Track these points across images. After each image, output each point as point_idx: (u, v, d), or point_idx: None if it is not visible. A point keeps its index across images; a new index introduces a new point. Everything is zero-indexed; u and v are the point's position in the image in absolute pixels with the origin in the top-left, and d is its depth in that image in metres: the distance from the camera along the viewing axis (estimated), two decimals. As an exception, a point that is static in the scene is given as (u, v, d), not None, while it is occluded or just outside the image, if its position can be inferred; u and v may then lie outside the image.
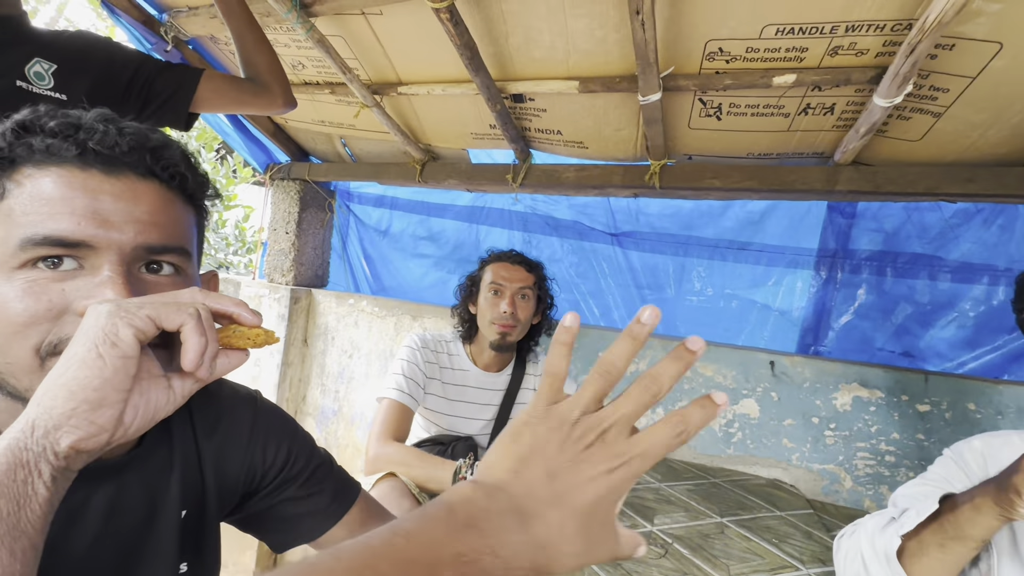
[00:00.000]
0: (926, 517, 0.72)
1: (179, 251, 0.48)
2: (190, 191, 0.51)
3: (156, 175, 0.47)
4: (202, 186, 0.53)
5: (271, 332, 0.48)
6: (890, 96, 1.09)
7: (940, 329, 1.52)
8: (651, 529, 1.02)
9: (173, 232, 0.48)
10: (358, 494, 0.76)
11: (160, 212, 0.47)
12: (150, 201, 0.47)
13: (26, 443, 0.36)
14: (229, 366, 0.46)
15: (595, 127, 1.50)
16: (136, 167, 0.46)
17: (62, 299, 0.43)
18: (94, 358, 0.37)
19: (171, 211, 0.48)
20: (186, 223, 0.50)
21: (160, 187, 0.48)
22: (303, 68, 1.66)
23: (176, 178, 0.49)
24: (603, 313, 1.98)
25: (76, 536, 0.48)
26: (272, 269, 2.19)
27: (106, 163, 0.45)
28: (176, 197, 0.49)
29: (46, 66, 1.00)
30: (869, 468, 1.39)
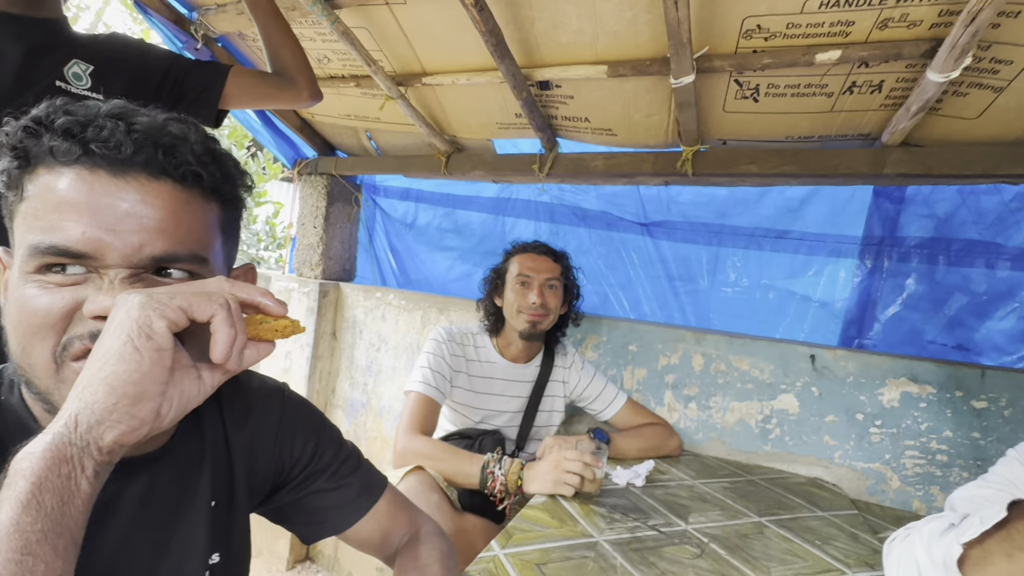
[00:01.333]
0: (992, 525, 0.66)
1: (190, 259, 0.46)
2: (210, 186, 0.48)
3: (169, 174, 0.45)
4: (228, 178, 0.50)
5: (297, 322, 0.46)
6: (946, 71, 1.01)
7: (998, 321, 1.42)
8: (686, 528, 0.99)
9: (185, 239, 0.46)
10: (385, 488, 0.76)
11: (170, 217, 0.45)
12: (160, 205, 0.44)
13: (70, 438, 0.36)
14: (257, 357, 0.46)
15: (624, 113, 1.45)
16: (147, 167, 0.44)
17: (72, 302, 0.43)
18: (131, 352, 0.37)
19: (184, 214, 0.46)
20: (203, 223, 0.48)
21: (174, 187, 0.45)
22: (328, 62, 1.66)
23: (190, 176, 0.46)
24: (633, 306, 1.94)
25: (110, 528, 0.49)
26: (301, 263, 2.22)
27: (113, 164, 0.43)
28: (193, 196, 0.47)
29: (83, 67, 1.02)
30: (919, 468, 1.31)
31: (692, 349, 1.56)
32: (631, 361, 1.63)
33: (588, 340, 1.70)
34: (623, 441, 1.36)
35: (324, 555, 2.13)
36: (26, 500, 0.33)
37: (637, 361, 1.63)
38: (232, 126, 4.53)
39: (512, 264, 1.42)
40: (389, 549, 0.75)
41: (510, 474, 1.09)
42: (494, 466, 1.11)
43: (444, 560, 0.71)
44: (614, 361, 1.66)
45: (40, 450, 0.35)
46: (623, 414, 1.46)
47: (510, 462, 1.11)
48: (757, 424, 1.48)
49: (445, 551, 0.73)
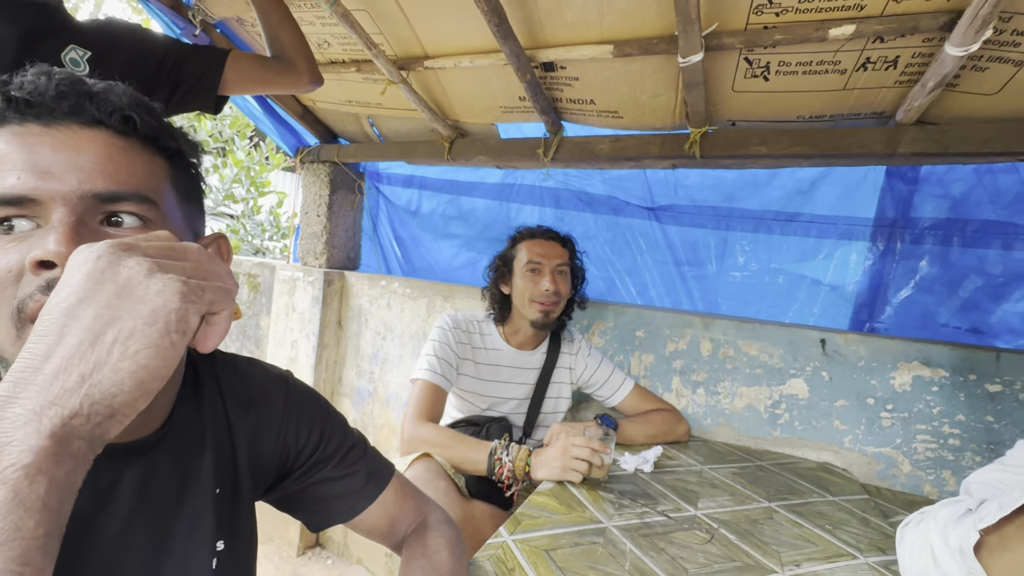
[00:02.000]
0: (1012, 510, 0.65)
1: (137, 198, 0.44)
2: (151, 136, 0.47)
3: (103, 123, 0.44)
4: (166, 130, 0.49)
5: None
6: (965, 44, 0.98)
7: (1015, 303, 1.39)
8: (695, 513, 0.98)
9: (128, 179, 0.44)
10: (392, 475, 0.75)
11: (108, 159, 0.43)
12: (95, 149, 0.43)
13: (78, 431, 0.32)
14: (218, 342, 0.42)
15: (630, 94, 1.42)
16: (77, 115, 0.43)
17: (19, 259, 0.40)
18: (168, 347, 0.34)
19: (124, 158, 0.44)
20: (147, 170, 0.46)
21: (109, 134, 0.44)
22: (328, 46, 1.64)
23: (127, 123, 0.45)
24: (640, 291, 1.92)
25: (109, 517, 0.48)
26: (305, 252, 2.21)
27: (41, 115, 0.42)
28: (133, 144, 0.45)
29: (80, 52, 1.00)
30: (930, 452, 1.29)
31: (700, 334, 1.54)
32: (638, 347, 1.62)
33: (595, 326, 1.69)
34: (631, 427, 1.35)
35: (334, 541, 2.15)
36: (30, 502, 0.29)
37: (644, 347, 1.61)
38: (233, 115, 4.51)
39: (520, 251, 1.40)
40: (396, 537, 0.75)
41: (518, 460, 1.09)
42: (501, 453, 1.10)
43: (452, 547, 0.71)
44: (621, 347, 1.65)
45: (41, 445, 0.30)
46: (630, 400, 1.45)
47: (517, 449, 1.11)
48: (766, 409, 1.47)
49: (453, 538, 0.73)
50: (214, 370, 0.63)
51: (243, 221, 4.71)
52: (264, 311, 2.31)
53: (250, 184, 4.60)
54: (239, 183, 4.57)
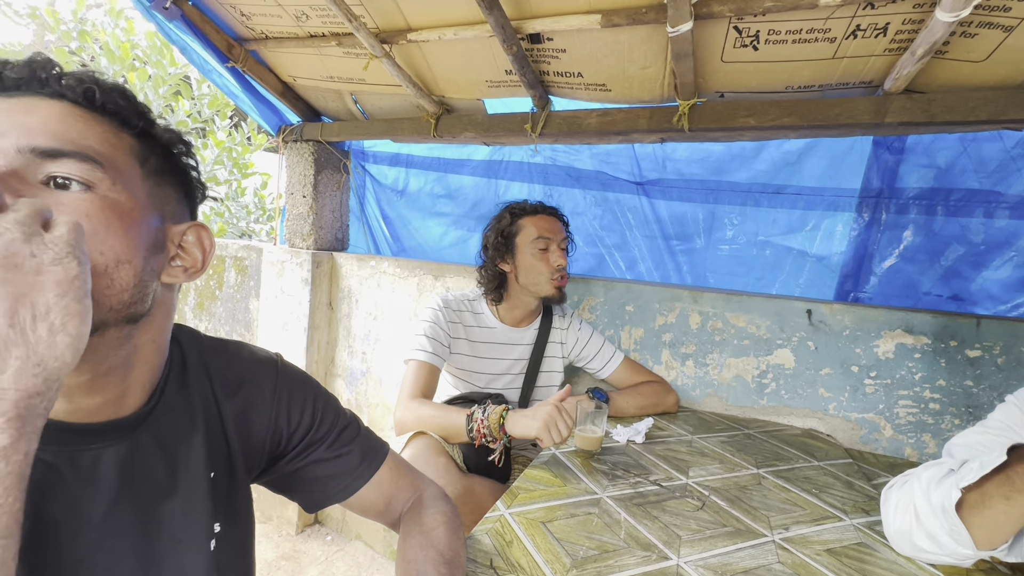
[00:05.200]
0: (991, 469, 0.67)
1: (80, 157, 0.43)
2: (114, 111, 0.47)
3: (64, 96, 0.45)
4: (133, 107, 0.49)
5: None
6: (956, 9, 0.97)
7: (994, 270, 1.42)
8: (687, 482, 1.01)
9: (74, 139, 0.43)
10: (387, 454, 0.76)
11: (59, 121, 0.44)
12: (47, 113, 0.43)
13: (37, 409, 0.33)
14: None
15: (618, 66, 1.40)
16: (41, 88, 0.44)
17: None
18: (86, 310, 0.36)
19: (77, 123, 0.45)
20: (104, 138, 0.46)
21: (69, 105, 0.45)
22: (307, 19, 1.58)
23: (88, 95, 0.45)
24: (629, 266, 1.92)
25: (94, 498, 0.48)
26: (292, 234, 2.18)
27: (7, 87, 0.44)
28: (94, 116, 0.46)
29: None
30: (911, 416, 1.33)
31: (689, 308, 1.56)
32: (628, 321, 1.64)
33: (585, 302, 1.70)
34: (622, 399, 1.37)
35: (332, 518, 2.18)
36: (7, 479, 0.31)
37: (634, 321, 1.63)
38: (212, 94, 4.37)
39: (526, 227, 1.38)
40: (393, 515, 0.76)
41: (492, 415, 1.09)
42: (477, 412, 1.11)
43: (449, 522, 0.72)
44: (611, 322, 1.66)
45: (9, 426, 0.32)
46: (621, 372, 1.47)
47: (493, 407, 1.12)
48: (753, 379, 1.49)
49: (449, 514, 0.74)
50: (201, 354, 0.62)
51: (227, 204, 4.61)
52: (253, 294, 2.28)
53: (232, 166, 4.49)
54: (221, 165, 4.46)
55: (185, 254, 0.54)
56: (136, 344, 0.50)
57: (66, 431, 0.47)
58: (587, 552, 0.75)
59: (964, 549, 0.70)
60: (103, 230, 0.43)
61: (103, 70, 4.05)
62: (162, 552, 0.53)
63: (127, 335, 0.48)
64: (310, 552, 2.02)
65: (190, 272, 0.54)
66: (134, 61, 4.15)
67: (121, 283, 0.45)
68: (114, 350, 0.48)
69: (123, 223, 0.45)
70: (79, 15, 4.35)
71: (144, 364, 0.52)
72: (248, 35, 1.78)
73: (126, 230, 0.45)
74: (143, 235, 0.47)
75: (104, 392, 0.49)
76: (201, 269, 0.55)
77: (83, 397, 0.47)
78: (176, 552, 0.54)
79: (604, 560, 0.73)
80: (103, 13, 4.50)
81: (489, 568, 0.70)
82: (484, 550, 0.74)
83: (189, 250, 0.54)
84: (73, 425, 0.47)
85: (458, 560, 0.66)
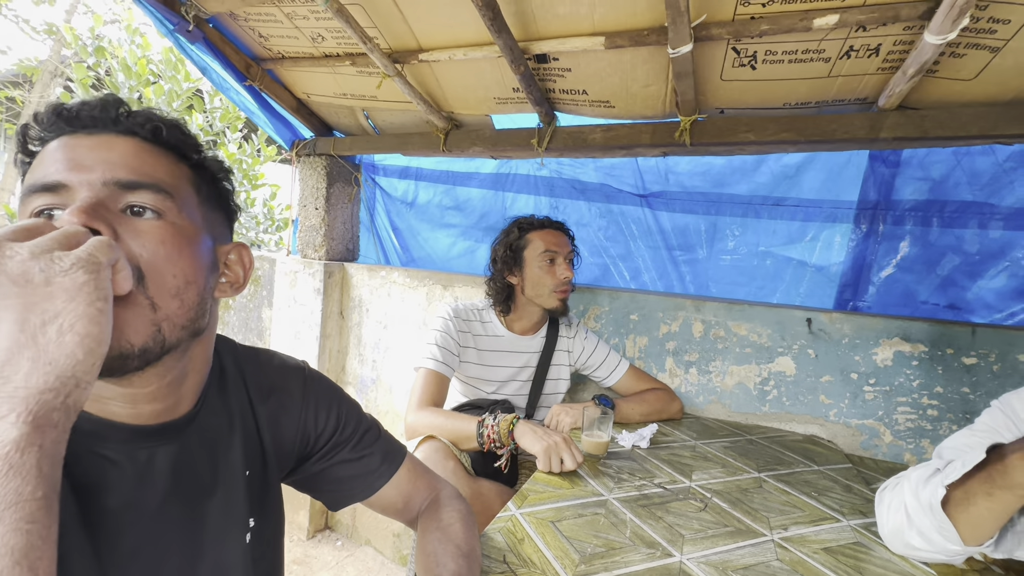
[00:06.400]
0: (973, 467, 0.71)
1: (155, 188, 0.49)
2: (175, 145, 0.53)
3: (135, 132, 0.51)
4: (190, 141, 0.55)
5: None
6: (943, 32, 1.02)
7: (989, 280, 1.46)
8: (690, 485, 1.04)
9: (149, 173, 0.50)
10: (405, 456, 0.81)
11: (135, 156, 0.50)
12: (124, 148, 0.49)
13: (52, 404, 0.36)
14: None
15: (622, 84, 1.45)
16: (115, 125, 0.50)
17: None
18: (97, 313, 0.38)
19: (149, 157, 0.51)
20: (170, 170, 0.52)
21: (139, 140, 0.51)
22: (323, 40, 1.65)
23: (156, 133, 0.51)
24: (633, 276, 1.97)
25: (148, 493, 0.53)
26: (304, 245, 2.24)
27: (85, 125, 0.49)
28: (160, 150, 0.52)
29: None
30: (910, 422, 1.37)
31: (692, 316, 1.60)
32: (633, 330, 1.68)
33: (591, 311, 1.74)
34: (627, 406, 1.41)
35: (343, 524, 2.22)
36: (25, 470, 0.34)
37: (639, 330, 1.67)
38: (224, 107, 4.47)
39: (534, 241, 1.44)
40: (411, 513, 0.81)
41: (503, 422, 1.14)
42: (488, 418, 1.16)
43: (464, 520, 0.77)
44: (616, 330, 1.70)
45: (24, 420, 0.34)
46: (626, 380, 1.51)
47: (503, 415, 1.16)
48: (755, 386, 1.53)
49: (464, 512, 0.79)
50: (237, 361, 0.67)
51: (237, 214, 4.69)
52: (266, 303, 2.34)
53: (243, 177, 4.58)
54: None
55: (230, 271, 0.59)
56: (192, 355, 0.56)
57: (129, 431, 0.52)
58: (595, 549, 0.79)
59: (953, 545, 0.73)
60: (176, 254, 0.49)
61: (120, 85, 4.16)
62: (205, 545, 0.57)
63: (186, 348, 0.54)
64: (321, 557, 2.05)
65: (235, 287, 0.60)
66: (149, 76, 4.26)
67: (189, 303, 0.51)
68: (177, 362, 0.53)
69: (190, 247, 0.51)
70: (96, 32, 4.47)
71: (196, 372, 0.58)
72: (265, 55, 1.85)
73: (193, 254, 0.51)
74: (203, 257, 0.53)
75: (165, 399, 0.54)
76: (243, 285, 0.61)
77: (146, 404, 0.53)
78: (217, 545, 0.59)
79: (611, 556, 0.77)
80: (119, 29, 4.63)
81: (503, 563, 0.74)
82: (497, 547, 0.78)
83: (233, 268, 0.60)
84: (135, 427, 0.53)
85: (474, 553, 0.70)
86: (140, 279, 0.46)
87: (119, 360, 0.45)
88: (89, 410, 0.50)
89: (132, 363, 0.46)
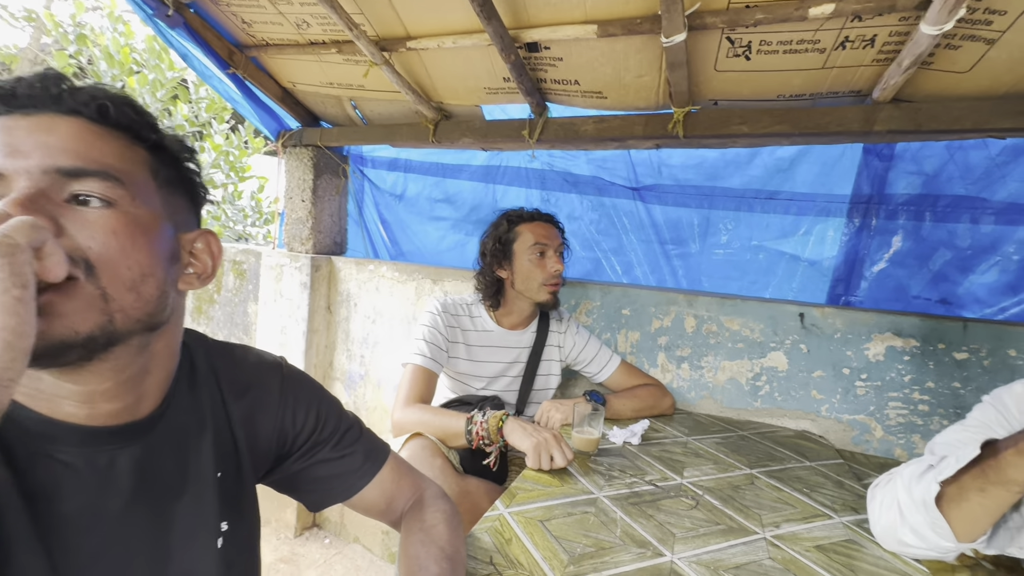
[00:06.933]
0: (967, 463, 0.70)
1: (102, 175, 0.44)
2: (128, 126, 0.48)
3: (80, 112, 0.46)
4: (145, 121, 0.50)
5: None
6: (940, 23, 1.00)
7: (980, 274, 1.45)
8: (681, 482, 1.03)
9: (95, 158, 0.45)
10: (388, 455, 0.78)
11: (79, 140, 0.45)
12: (67, 131, 0.45)
13: None
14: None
15: (614, 75, 1.43)
16: (56, 105, 0.45)
17: None
18: (14, 302, 0.33)
19: (95, 140, 0.46)
20: (121, 154, 0.47)
21: (84, 121, 0.46)
22: (308, 26, 1.60)
23: (102, 112, 0.46)
24: (625, 270, 1.95)
25: (110, 497, 0.50)
26: (291, 238, 2.20)
27: (23, 105, 0.44)
28: (109, 132, 0.47)
29: None
30: (901, 417, 1.36)
31: (684, 311, 1.59)
32: (624, 325, 1.66)
33: (582, 305, 1.72)
34: (618, 402, 1.39)
35: (331, 522, 2.19)
36: None
37: (630, 325, 1.65)
38: (210, 98, 4.39)
39: (523, 234, 1.41)
40: (394, 513, 0.78)
41: (491, 419, 1.12)
42: (477, 415, 1.14)
43: (449, 520, 0.74)
44: (608, 325, 1.68)
45: None
46: (617, 376, 1.49)
47: (493, 412, 1.14)
48: (747, 382, 1.52)
49: (449, 512, 0.76)
50: (209, 357, 0.64)
51: (224, 207, 4.62)
52: (251, 298, 2.30)
53: (230, 169, 4.50)
54: (218, 168, 4.47)
55: (196, 261, 0.56)
56: (153, 351, 0.52)
57: (85, 433, 0.49)
58: (584, 549, 0.77)
59: (946, 542, 0.72)
60: (130, 245, 0.45)
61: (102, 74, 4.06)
62: (172, 549, 0.55)
63: (146, 343, 0.51)
64: (309, 555, 2.03)
65: (202, 278, 0.56)
66: (132, 66, 4.17)
67: (147, 295, 0.47)
68: (135, 358, 0.50)
69: (146, 237, 0.47)
70: (77, 19, 4.36)
71: (160, 369, 0.54)
72: (249, 42, 1.80)
73: (149, 244, 0.47)
74: (162, 247, 0.49)
75: (124, 397, 0.51)
76: (211, 275, 0.57)
77: (104, 403, 0.49)
78: (185, 549, 0.56)
79: (600, 557, 0.75)
80: (101, 16, 4.52)
81: (489, 564, 0.72)
82: (484, 547, 0.76)
83: (200, 257, 0.56)
84: (92, 428, 0.49)
85: (459, 556, 0.68)
86: (90, 271, 0.43)
87: (59, 348, 0.41)
88: (40, 410, 0.47)
89: (74, 353, 0.43)
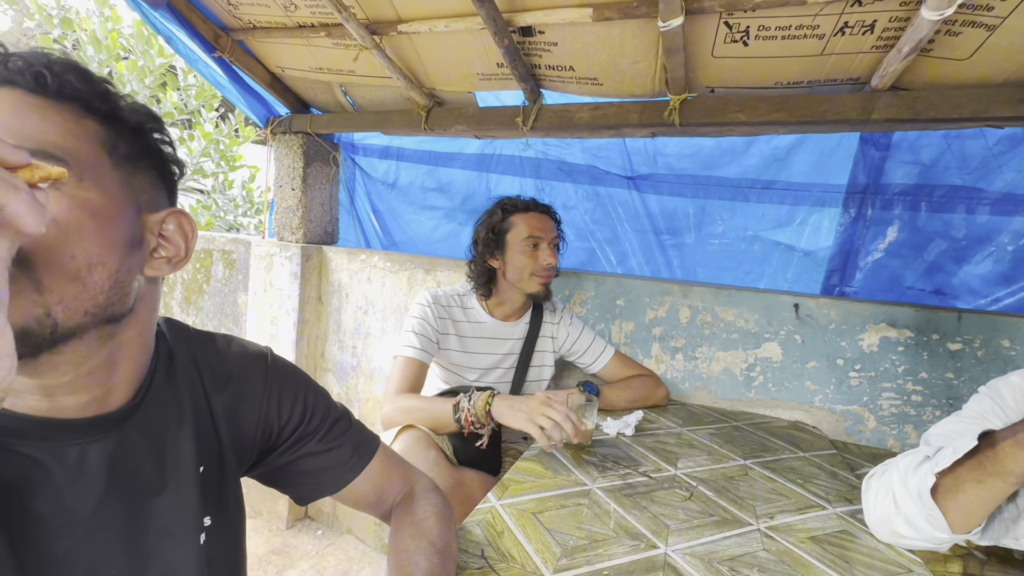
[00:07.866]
0: (963, 454, 0.69)
1: (42, 155, 0.40)
2: (72, 96, 0.44)
3: (15, 82, 0.41)
4: (96, 93, 0.45)
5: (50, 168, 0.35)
6: (940, 8, 0.98)
7: (975, 265, 1.45)
8: (675, 473, 1.02)
9: (35, 136, 0.41)
10: (378, 447, 0.76)
11: (12, 115, 0.41)
12: (2, 106, 0.40)
13: None
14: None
15: (610, 60, 1.40)
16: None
17: None
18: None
19: (35, 115, 0.41)
20: (66, 130, 0.43)
21: (21, 93, 0.42)
22: (296, 9, 1.56)
23: (39, 80, 0.42)
24: (620, 261, 1.94)
25: (82, 492, 0.48)
26: (281, 227, 2.16)
27: None
28: (50, 104, 0.42)
29: None
30: (894, 408, 1.36)
31: (679, 302, 1.57)
32: (619, 315, 1.65)
33: (576, 296, 1.71)
34: (612, 393, 1.38)
35: (323, 512, 2.18)
36: None
37: (625, 315, 1.64)
38: (199, 85, 4.31)
39: (517, 225, 1.38)
40: (384, 507, 0.77)
41: (479, 401, 1.10)
42: (463, 400, 1.12)
43: (439, 513, 0.73)
44: (602, 316, 1.67)
45: None
46: (611, 367, 1.48)
47: (479, 394, 1.12)
48: (742, 372, 1.52)
49: (440, 505, 0.75)
50: (189, 347, 0.62)
51: (214, 196, 4.56)
52: (241, 288, 2.26)
53: (220, 158, 4.43)
54: (208, 157, 4.40)
55: (167, 243, 0.51)
56: (120, 341, 0.49)
57: (49, 427, 0.46)
58: (577, 542, 0.76)
59: (940, 533, 0.72)
60: (74, 233, 0.41)
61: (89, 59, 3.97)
62: (150, 546, 0.53)
63: (109, 334, 0.47)
64: (301, 546, 2.02)
65: (174, 262, 0.52)
66: (120, 51, 4.07)
67: (95, 286, 0.43)
68: (95, 350, 0.47)
69: (95, 223, 0.43)
70: (62, 2, 4.25)
71: (129, 360, 0.52)
72: (235, 24, 1.75)
73: (99, 230, 0.43)
74: (118, 232, 0.45)
75: (88, 390, 0.48)
76: (185, 258, 0.53)
77: (66, 396, 0.47)
78: (165, 546, 0.54)
79: (593, 549, 0.74)
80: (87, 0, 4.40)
81: (480, 558, 0.71)
82: (476, 540, 0.75)
83: (171, 239, 0.52)
84: (57, 421, 0.47)
85: (449, 550, 0.67)
86: (22, 261, 0.38)
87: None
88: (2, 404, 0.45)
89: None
